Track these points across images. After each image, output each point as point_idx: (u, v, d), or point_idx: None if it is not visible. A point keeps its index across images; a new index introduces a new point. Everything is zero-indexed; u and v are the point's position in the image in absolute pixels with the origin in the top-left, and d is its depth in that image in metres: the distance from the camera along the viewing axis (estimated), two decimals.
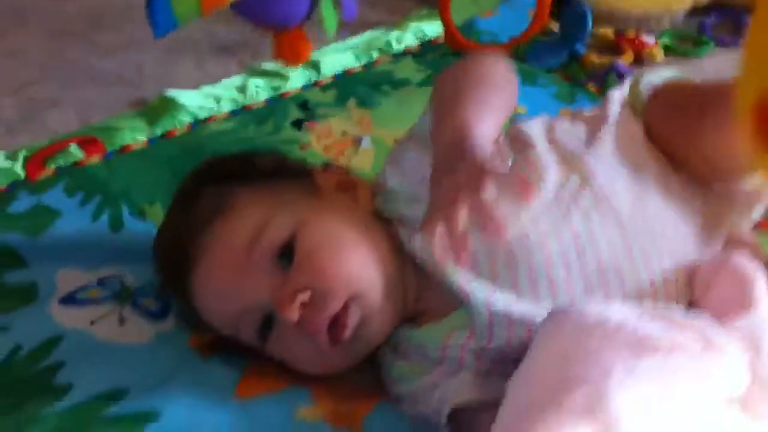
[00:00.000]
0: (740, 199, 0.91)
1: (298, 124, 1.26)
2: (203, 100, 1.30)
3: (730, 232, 0.90)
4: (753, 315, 0.73)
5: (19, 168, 1.12)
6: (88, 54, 1.49)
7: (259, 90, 1.34)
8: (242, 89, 1.34)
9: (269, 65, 1.41)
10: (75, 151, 1.15)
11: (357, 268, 0.79)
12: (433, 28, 1.57)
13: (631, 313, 0.69)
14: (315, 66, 1.42)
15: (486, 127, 0.77)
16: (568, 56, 1.45)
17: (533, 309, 0.77)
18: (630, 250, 0.80)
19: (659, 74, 0.94)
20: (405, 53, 1.51)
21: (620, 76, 1.36)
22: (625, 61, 1.44)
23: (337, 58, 1.46)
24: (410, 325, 0.83)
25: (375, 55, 1.49)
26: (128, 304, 0.91)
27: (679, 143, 0.87)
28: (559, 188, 0.82)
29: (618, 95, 0.93)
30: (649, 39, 1.49)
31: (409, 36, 1.55)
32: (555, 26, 1.51)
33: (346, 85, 1.38)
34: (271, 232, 0.79)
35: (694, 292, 0.81)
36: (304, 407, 0.81)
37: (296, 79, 1.38)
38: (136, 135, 1.21)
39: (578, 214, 0.80)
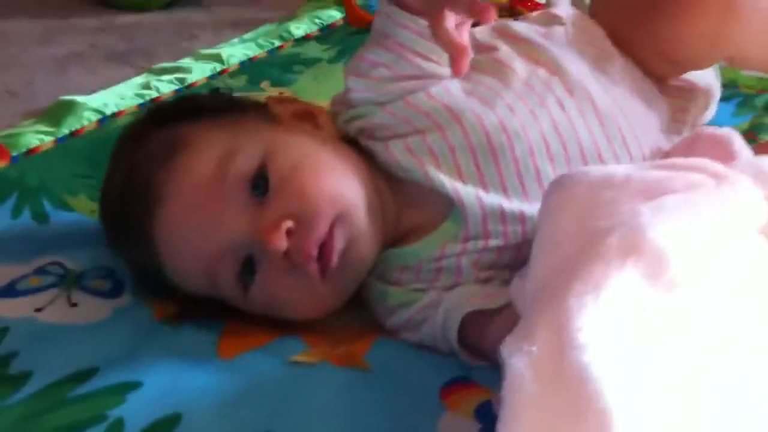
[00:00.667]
0: (698, 94, 0.91)
1: None
2: (107, 98, 1.21)
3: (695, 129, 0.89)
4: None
5: None
6: None
7: (163, 84, 1.26)
8: (146, 86, 1.26)
9: (168, 64, 1.34)
10: None
11: (337, 186, 0.73)
12: (328, 15, 1.53)
13: (632, 167, 0.66)
14: (216, 58, 1.36)
15: None
16: None
17: (524, 206, 0.73)
18: (608, 136, 0.78)
19: None
20: (306, 38, 1.46)
21: None
22: None
23: (238, 48, 1.40)
24: (397, 247, 0.76)
25: (277, 42, 1.44)
26: (75, 288, 0.81)
27: (634, 40, 0.86)
28: (529, 79, 0.78)
29: None
30: None
31: (306, 23, 1.50)
32: None
33: (255, 69, 1.33)
34: (239, 162, 0.72)
35: None
36: (298, 354, 0.73)
37: (200, 71, 1.31)
38: (41, 136, 1.10)
39: (553, 102, 0.77)
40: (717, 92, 0.95)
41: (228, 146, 0.73)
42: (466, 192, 0.73)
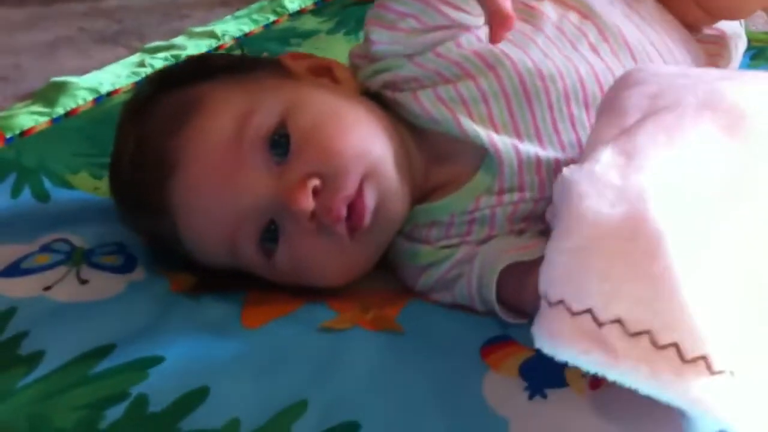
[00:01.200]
0: (728, 42, 0.88)
1: None
2: (101, 77, 1.16)
3: None
4: None
5: None
6: None
7: (158, 61, 1.22)
8: (141, 64, 1.21)
9: (162, 42, 1.30)
10: None
11: (363, 142, 0.68)
12: None
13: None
14: (210, 35, 1.32)
15: None
16: None
17: (559, 155, 0.69)
18: None
19: None
20: (301, 12, 1.41)
21: None
22: None
23: (232, 25, 1.36)
24: (424, 203, 0.72)
25: (272, 17, 1.39)
26: (84, 265, 0.77)
27: None
28: (560, 23, 0.74)
29: None
30: None
31: None
32: None
33: (251, 44, 1.28)
34: (257, 121, 0.67)
35: None
36: (327, 321, 0.69)
37: (196, 47, 1.27)
38: (36, 117, 1.06)
39: (587, 47, 0.74)
40: (744, 41, 0.92)
41: (245, 106, 0.68)
42: (503, 142, 0.69)
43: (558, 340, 0.47)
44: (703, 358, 0.44)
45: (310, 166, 0.66)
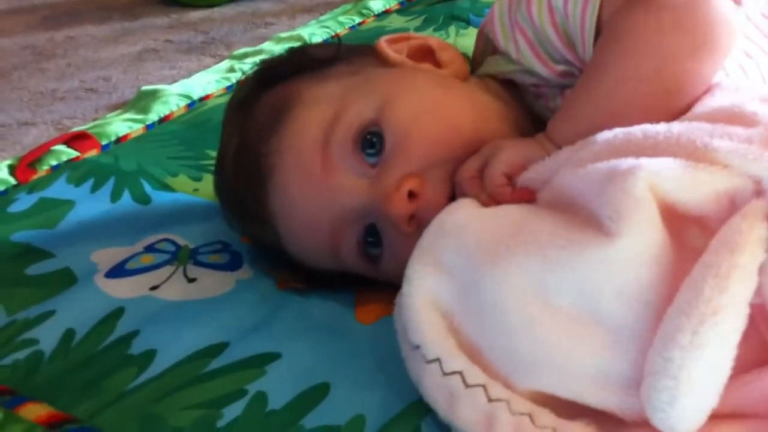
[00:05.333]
0: None
1: None
2: (193, 84, 1.15)
3: None
4: None
5: (6, 175, 0.94)
6: (44, 80, 1.32)
7: (247, 66, 1.20)
8: (230, 69, 1.20)
9: (249, 48, 1.28)
10: (66, 150, 0.98)
11: (468, 136, 0.64)
12: None
13: None
14: (298, 39, 1.29)
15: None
16: None
17: None
18: None
19: None
20: (386, 12, 1.39)
21: None
22: None
23: (319, 29, 1.34)
24: None
25: (357, 19, 1.37)
26: (191, 264, 0.74)
27: None
28: None
29: None
30: None
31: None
32: None
33: None
34: (349, 117, 0.63)
35: None
36: None
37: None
38: (130, 124, 1.04)
39: None
40: None
41: (341, 98, 0.65)
42: None
43: None
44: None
45: (406, 166, 0.62)
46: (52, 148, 0.98)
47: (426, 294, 0.57)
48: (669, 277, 0.48)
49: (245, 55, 1.25)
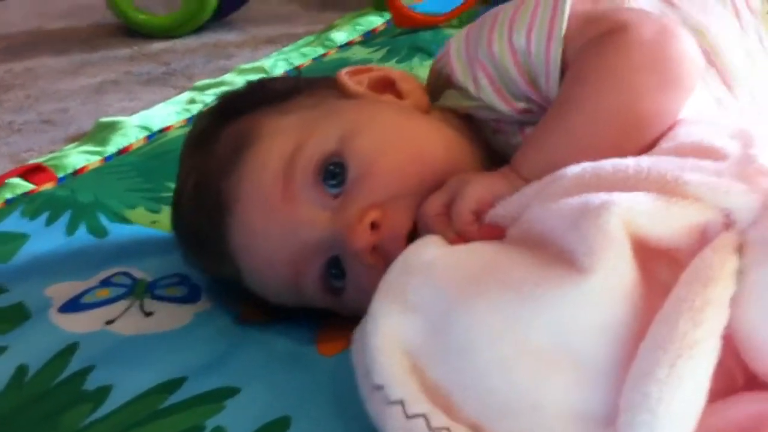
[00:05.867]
0: None
1: None
2: (153, 115, 1.13)
3: None
4: None
5: None
6: (1, 112, 1.30)
7: (209, 98, 1.19)
8: (191, 101, 1.19)
9: (211, 80, 1.27)
10: (21, 183, 0.96)
11: (429, 166, 0.63)
12: (369, 20, 1.47)
13: None
14: (259, 70, 1.29)
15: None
16: None
17: None
18: None
19: None
20: (349, 44, 1.39)
21: None
22: None
23: (281, 60, 1.33)
24: None
25: (321, 50, 1.37)
26: (147, 297, 0.73)
27: None
28: None
29: None
30: None
31: (348, 30, 1.44)
32: None
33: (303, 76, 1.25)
34: (311, 149, 0.62)
35: None
36: None
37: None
38: (88, 156, 1.03)
39: None
40: None
41: (301, 130, 0.64)
42: None
43: None
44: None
45: (369, 197, 0.61)
46: (7, 181, 0.97)
47: (390, 333, 0.55)
48: (640, 312, 0.48)
49: (207, 87, 1.24)
